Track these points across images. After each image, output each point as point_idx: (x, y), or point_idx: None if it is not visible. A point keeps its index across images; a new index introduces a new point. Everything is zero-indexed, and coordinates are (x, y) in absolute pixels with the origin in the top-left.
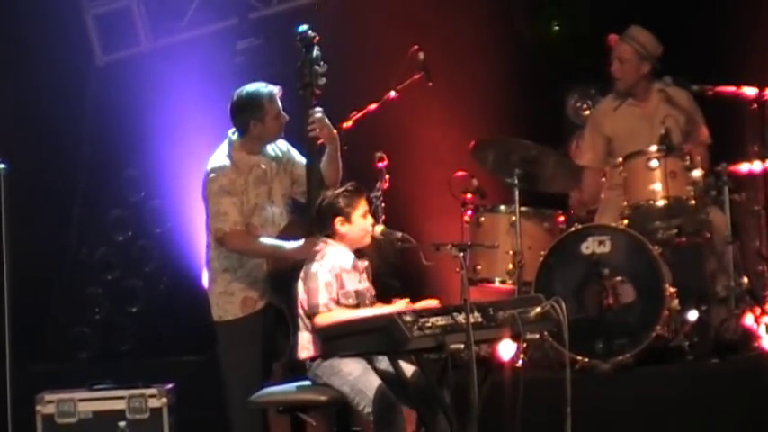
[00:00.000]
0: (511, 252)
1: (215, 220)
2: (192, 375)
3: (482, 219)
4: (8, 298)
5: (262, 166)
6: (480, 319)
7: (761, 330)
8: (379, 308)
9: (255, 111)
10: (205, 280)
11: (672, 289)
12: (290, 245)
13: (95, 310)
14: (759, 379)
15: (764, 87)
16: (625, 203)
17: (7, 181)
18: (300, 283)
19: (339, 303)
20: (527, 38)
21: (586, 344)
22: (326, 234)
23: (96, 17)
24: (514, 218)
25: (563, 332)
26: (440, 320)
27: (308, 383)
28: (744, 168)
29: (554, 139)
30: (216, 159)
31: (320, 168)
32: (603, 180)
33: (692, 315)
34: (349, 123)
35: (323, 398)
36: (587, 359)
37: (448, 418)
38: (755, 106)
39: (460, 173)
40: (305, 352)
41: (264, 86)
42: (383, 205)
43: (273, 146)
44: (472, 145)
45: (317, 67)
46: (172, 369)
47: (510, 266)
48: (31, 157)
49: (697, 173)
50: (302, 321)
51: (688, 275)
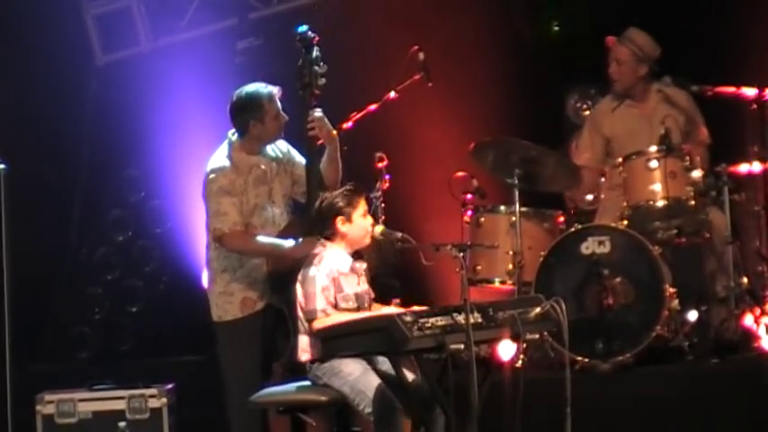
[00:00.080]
0: (511, 252)
1: (214, 221)
2: (192, 375)
3: (482, 219)
4: (8, 298)
5: (261, 167)
6: (480, 320)
7: (761, 330)
8: (376, 311)
9: (255, 111)
10: (205, 280)
11: (672, 289)
12: (290, 243)
13: (95, 310)
14: (759, 379)
15: (764, 88)
16: (625, 204)
17: (7, 181)
18: (298, 286)
19: (338, 307)
20: (527, 38)
21: (586, 344)
22: (327, 234)
23: (96, 17)
24: (514, 218)
25: (563, 332)
26: (440, 321)
27: (309, 384)
28: (743, 169)
29: (554, 139)
30: (216, 160)
31: (320, 169)
32: (603, 180)
33: (692, 315)
34: (349, 123)
35: (323, 398)
36: (587, 359)
37: (448, 419)
38: (755, 107)
39: (460, 173)
40: (305, 355)
41: (264, 87)
42: (383, 205)
43: (273, 146)
44: (472, 146)
45: (317, 68)
46: (172, 369)
47: (510, 267)
48: (31, 158)
49: (697, 173)
50: (302, 324)
51: (688, 276)
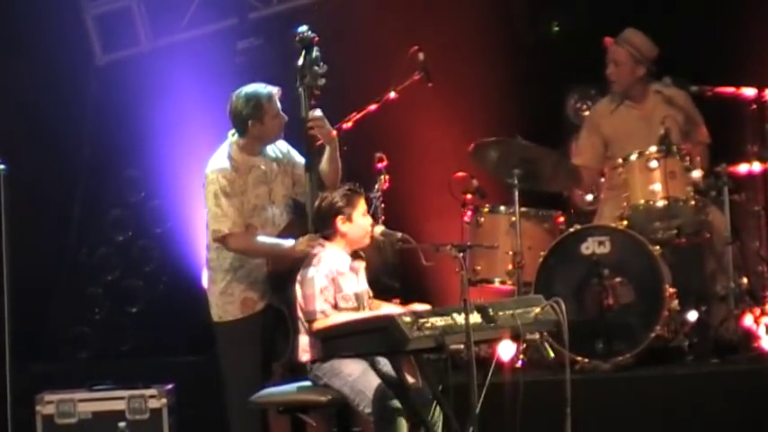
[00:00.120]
0: (511, 252)
1: (214, 221)
2: (192, 375)
3: (482, 219)
4: (8, 298)
5: (261, 167)
6: (480, 320)
7: (761, 331)
8: (375, 310)
9: (254, 111)
10: (205, 280)
11: (672, 289)
12: (290, 242)
13: (95, 310)
14: (759, 379)
15: (764, 88)
16: (625, 204)
17: (7, 181)
18: (298, 287)
19: (337, 307)
20: (527, 38)
21: (586, 344)
22: (326, 234)
23: (96, 17)
24: (514, 218)
25: (563, 333)
26: (439, 321)
27: (309, 384)
28: (743, 169)
29: (554, 139)
30: (216, 160)
31: (319, 169)
32: (603, 180)
33: (692, 315)
34: (349, 124)
35: (323, 398)
36: (587, 360)
37: (448, 419)
38: (755, 107)
39: (460, 173)
40: (305, 355)
41: (263, 87)
42: (383, 205)
43: (274, 147)
44: (472, 146)
45: (317, 68)
46: (172, 369)
47: (510, 267)
48: (31, 158)
49: (697, 173)
50: (302, 324)
51: (688, 276)
